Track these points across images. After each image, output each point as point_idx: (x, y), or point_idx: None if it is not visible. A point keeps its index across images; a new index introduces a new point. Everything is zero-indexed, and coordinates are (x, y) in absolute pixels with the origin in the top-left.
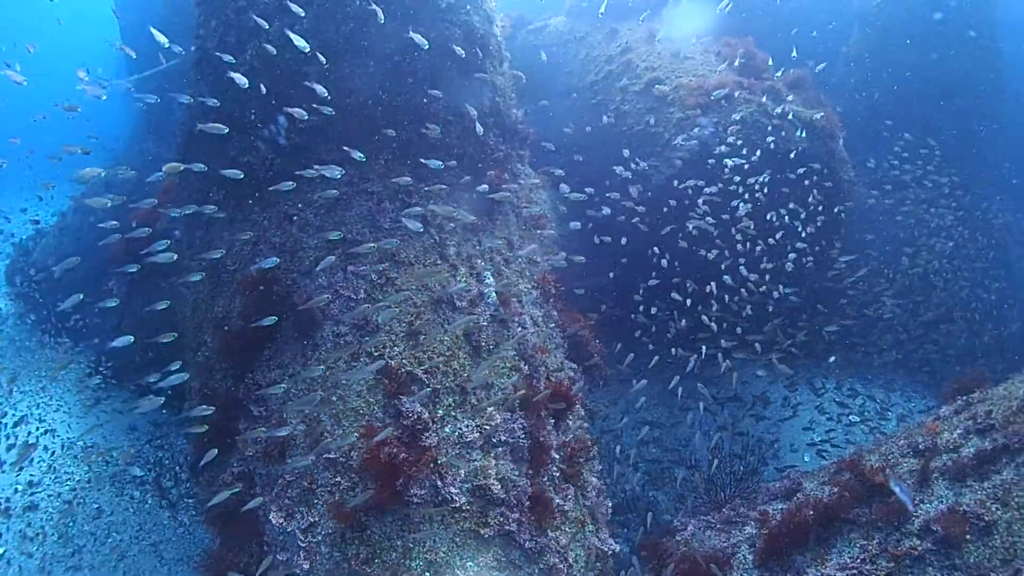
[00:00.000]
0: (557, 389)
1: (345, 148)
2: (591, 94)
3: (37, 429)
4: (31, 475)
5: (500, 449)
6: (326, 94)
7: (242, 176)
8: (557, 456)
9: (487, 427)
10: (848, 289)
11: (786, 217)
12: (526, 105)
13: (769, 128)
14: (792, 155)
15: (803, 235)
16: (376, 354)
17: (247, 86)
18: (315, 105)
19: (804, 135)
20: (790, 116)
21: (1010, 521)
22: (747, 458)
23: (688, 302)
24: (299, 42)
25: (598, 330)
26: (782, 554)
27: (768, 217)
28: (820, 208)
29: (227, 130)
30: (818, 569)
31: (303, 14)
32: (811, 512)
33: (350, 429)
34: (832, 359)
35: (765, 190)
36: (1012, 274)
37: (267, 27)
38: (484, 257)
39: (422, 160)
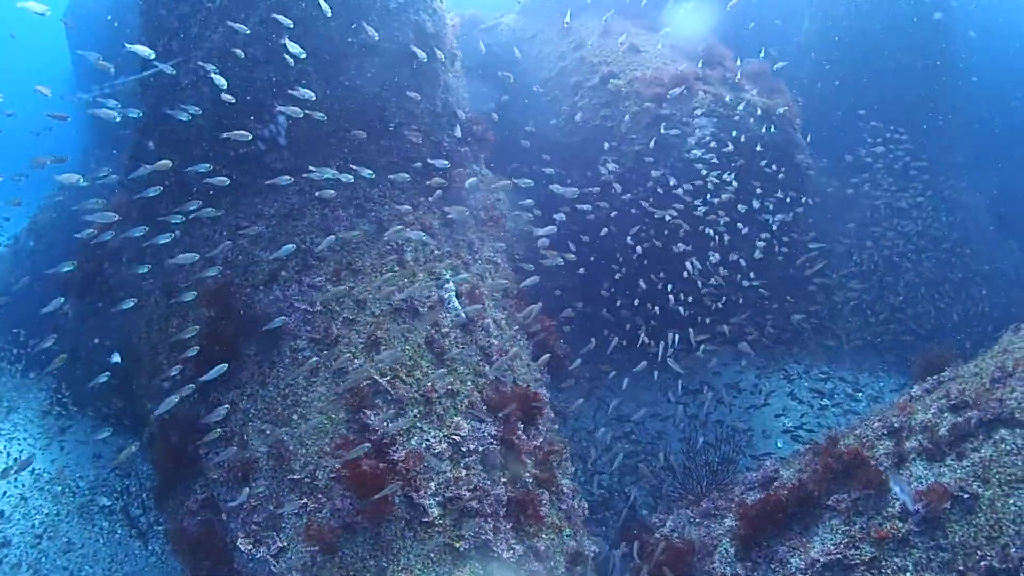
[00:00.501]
0: (524, 393)
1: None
2: (545, 91)
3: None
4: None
5: (471, 458)
6: (312, 96)
7: (228, 183)
8: (529, 461)
9: (455, 436)
10: (816, 277)
11: (752, 204)
12: (483, 105)
13: (728, 119)
14: (751, 145)
15: (770, 224)
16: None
17: (227, 89)
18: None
19: (763, 125)
20: (748, 107)
21: (992, 498)
22: (721, 448)
23: (656, 296)
24: (240, 53)
25: (567, 329)
26: (761, 542)
27: (736, 208)
28: (782, 196)
29: (250, 136)
30: (801, 558)
31: (246, 27)
32: (785, 492)
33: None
34: (800, 345)
35: (733, 182)
36: (976, 253)
37: (210, 35)
38: (443, 262)
39: (391, 177)
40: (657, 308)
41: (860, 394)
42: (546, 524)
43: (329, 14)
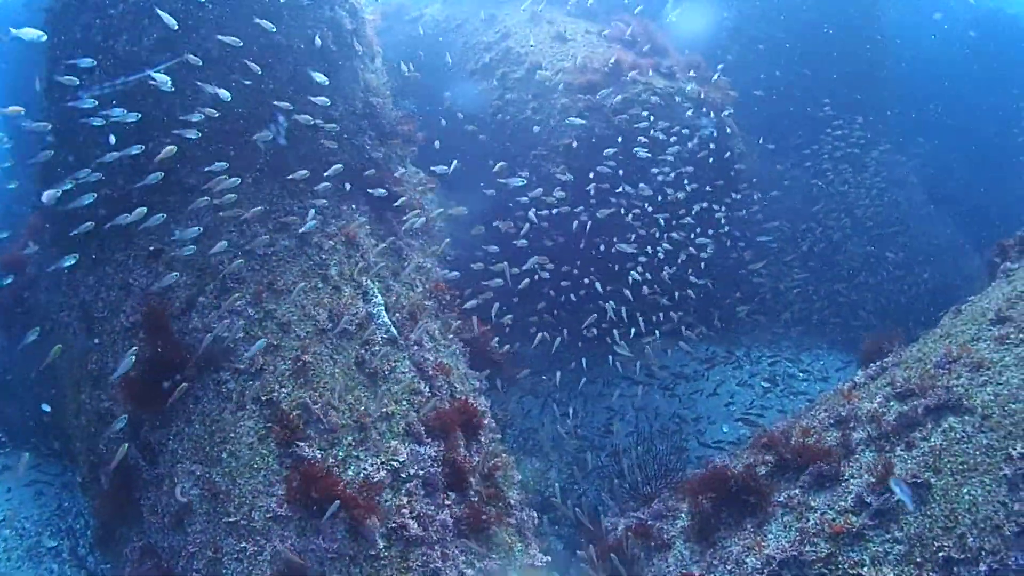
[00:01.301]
0: (463, 407)
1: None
2: (471, 84)
3: None
4: None
5: (412, 483)
6: (228, 96)
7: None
8: (474, 479)
9: (394, 463)
10: (762, 269)
11: (687, 189)
12: (410, 101)
13: (659, 107)
14: (683, 133)
15: (711, 216)
16: (266, 398)
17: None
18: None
19: (697, 113)
20: (682, 95)
21: (946, 488)
22: (671, 441)
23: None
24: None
25: (507, 331)
26: (715, 538)
27: (672, 198)
28: (719, 185)
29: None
30: (756, 557)
31: (152, 31)
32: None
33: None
34: (746, 332)
35: (670, 173)
36: (914, 231)
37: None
38: (370, 273)
39: (312, 189)
40: (597, 305)
41: (804, 375)
42: (496, 543)
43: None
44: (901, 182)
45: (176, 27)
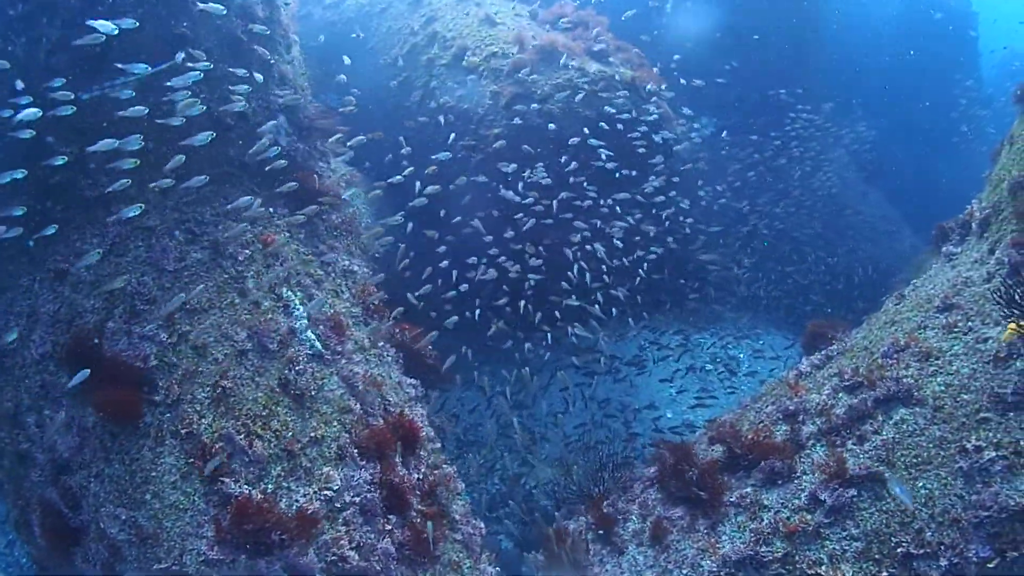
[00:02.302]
0: (398, 422)
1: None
2: (396, 71)
3: None
4: None
5: (349, 511)
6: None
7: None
8: (414, 499)
9: (328, 491)
10: (710, 254)
11: (624, 174)
12: (331, 92)
13: (591, 92)
14: (619, 117)
15: (647, 202)
16: (185, 431)
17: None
18: None
19: (630, 96)
20: (614, 79)
21: (900, 482)
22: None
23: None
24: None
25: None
26: (669, 543)
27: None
28: (657, 171)
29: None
30: (712, 559)
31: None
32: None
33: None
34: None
35: (605, 161)
36: (849, 207)
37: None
38: (291, 283)
39: (225, 198)
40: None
41: (756, 355)
42: (443, 563)
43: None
44: (834, 160)
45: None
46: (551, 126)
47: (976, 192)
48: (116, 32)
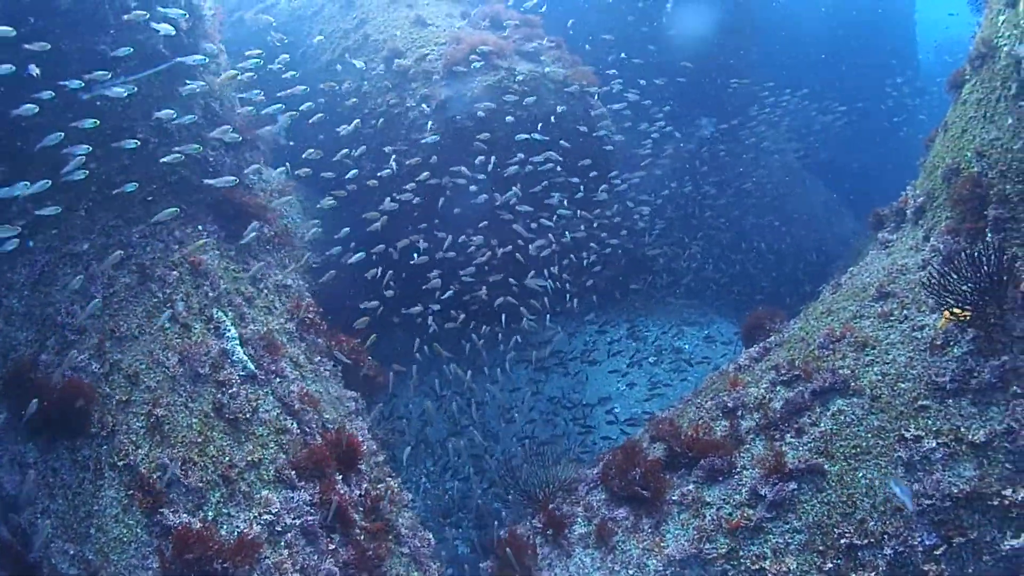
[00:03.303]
0: (336, 440)
1: None
2: (329, 76)
3: None
4: None
5: (290, 534)
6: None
7: None
8: (357, 515)
9: (267, 516)
10: (661, 253)
11: (559, 176)
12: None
13: (521, 93)
14: (549, 117)
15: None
16: (122, 463)
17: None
18: None
19: (560, 97)
20: (544, 79)
21: (840, 473)
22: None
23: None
24: None
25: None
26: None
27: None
28: (591, 170)
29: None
30: (657, 559)
31: None
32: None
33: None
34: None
35: (541, 162)
36: (792, 196)
37: None
38: (221, 303)
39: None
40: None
41: (705, 344)
42: None
43: None
44: (775, 151)
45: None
46: (482, 127)
47: (912, 179)
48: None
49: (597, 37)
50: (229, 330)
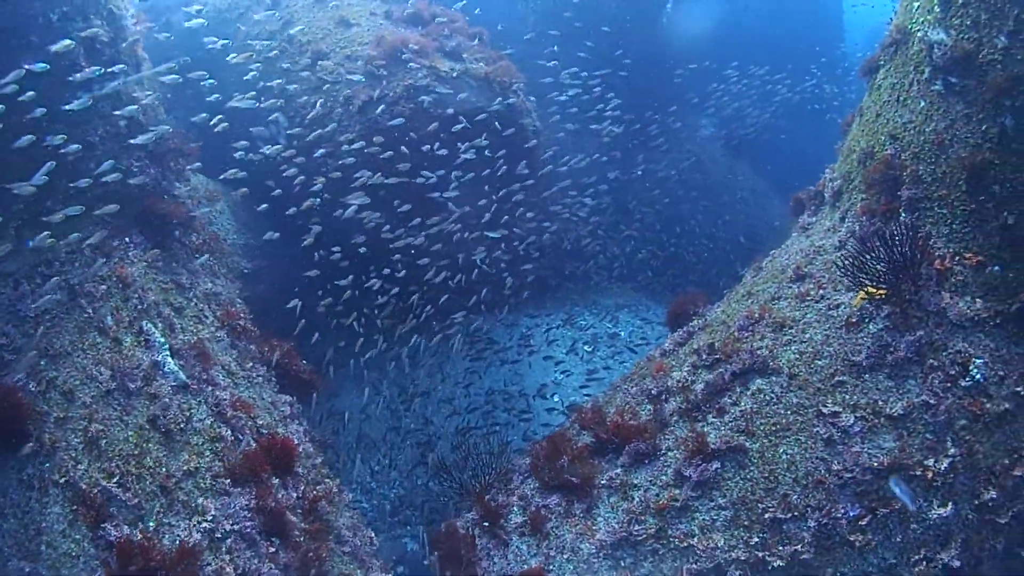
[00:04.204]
0: (270, 444)
1: None
2: (255, 79)
3: None
4: None
5: (230, 540)
6: None
7: None
8: (295, 517)
9: (206, 523)
10: (594, 241)
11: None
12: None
13: (442, 91)
14: (471, 116)
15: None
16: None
17: None
18: None
19: (484, 94)
20: (467, 77)
21: (762, 450)
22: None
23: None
24: None
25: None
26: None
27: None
28: (518, 166)
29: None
30: (590, 542)
31: None
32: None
33: None
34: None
35: (461, 158)
36: (718, 183)
37: None
38: (151, 315)
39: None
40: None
41: (640, 328)
42: None
43: None
44: (701, 138)
45: None
46: (405, 127)
47: (832, 163)
48: None
49: (542, 32)
50: (159, 342)
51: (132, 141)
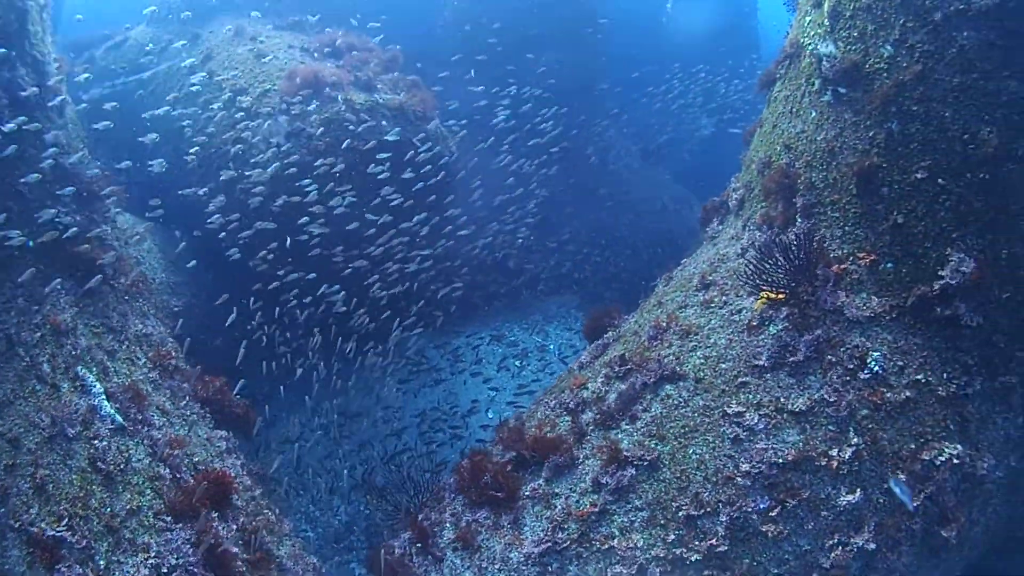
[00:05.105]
0: (206, 478)
1: None
2: (177, 117)
3: None
4: None
5: (176, 574)
6: None
7: None
8: (236, 548)
9: (152, 559)
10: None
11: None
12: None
13: (357, 123)
14: (385, 146)
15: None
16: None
17: None
18: None
19: (398, 124)
20: (381, 108)
21: (673, 452)
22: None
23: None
24: None
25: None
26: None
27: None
28: (431, 195)
29: None
30: (519, 551)
31: None
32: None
33: None
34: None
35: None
36: (635, 190)
37: None
38: (85, 360)
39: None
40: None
41: (552, 347)
42: None
43: None
44: (619, 146)
45: None
46: (322, 161)
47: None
48: None
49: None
50: (95, 386)
51: (59, 192)
